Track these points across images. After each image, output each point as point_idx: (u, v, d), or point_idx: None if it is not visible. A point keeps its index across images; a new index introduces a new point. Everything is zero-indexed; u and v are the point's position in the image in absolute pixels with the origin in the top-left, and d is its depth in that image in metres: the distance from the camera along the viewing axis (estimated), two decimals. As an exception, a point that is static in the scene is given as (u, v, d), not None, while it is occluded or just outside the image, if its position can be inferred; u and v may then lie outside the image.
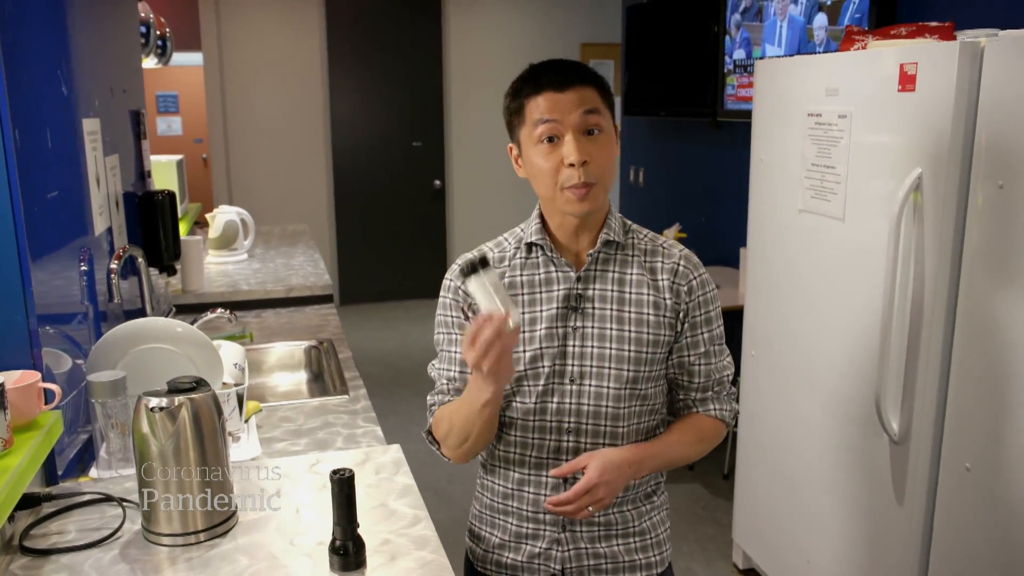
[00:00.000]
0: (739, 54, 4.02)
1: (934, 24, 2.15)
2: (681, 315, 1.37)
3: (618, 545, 1.42)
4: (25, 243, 1.44)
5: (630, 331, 1.35)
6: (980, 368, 1.90)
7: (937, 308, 1.97)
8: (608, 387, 1.35)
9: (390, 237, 7.00)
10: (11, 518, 1.35)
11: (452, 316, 1.42)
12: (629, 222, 1.44)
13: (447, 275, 1.44)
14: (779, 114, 2.59)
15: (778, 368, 2.67)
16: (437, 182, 7.00)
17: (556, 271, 1.38)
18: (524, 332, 1.36)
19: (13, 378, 1.40)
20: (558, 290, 1.37)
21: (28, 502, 1.40)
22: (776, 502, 2.71)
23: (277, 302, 3.17)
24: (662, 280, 1.37)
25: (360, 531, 1.26)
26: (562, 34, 6.87)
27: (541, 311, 1.37)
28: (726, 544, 3.15)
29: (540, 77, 1.31)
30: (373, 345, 5.81)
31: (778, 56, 3.54)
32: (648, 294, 1.36)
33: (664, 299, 1.37)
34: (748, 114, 2.82)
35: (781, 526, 2.68)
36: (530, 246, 1.40)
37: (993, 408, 1.86)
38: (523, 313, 1.37)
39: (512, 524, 1.44)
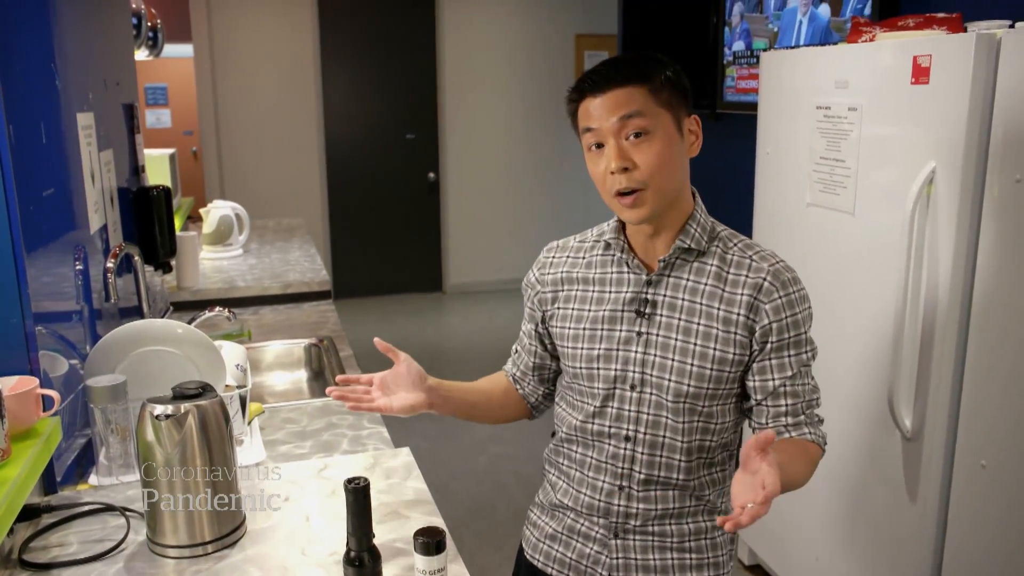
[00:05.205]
0: (738, 46, 3.97)
1: (942, 15, 2.12)
2: (759, 334, 1.27)
3: (672, 559, 1.37)
4: (21, 242, 1.39)
5: (695, 344, 1.28)
6: (996, 364, 1.87)
7: (952, 304, 1.94)
8: (667, 399, 1.30)
9: (384, 230, 6.93)
10: (10, 531, 1.31)
11: (526, 306, 1.49)
12: (722, 228, 1.36)
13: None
14: (786, 107, 2.55)
15: (784, 364, 2.63)
16: (431, 174, 6.93)
17: (628, 272, 1.34)
18: (584, 330, 1.34)
19: (10, 384, 1.35)
20: (626, 292, 1.33)
21: (27, 513, 1.35)
22: (784, 497, 2.66)
23: (274, 299, 3.11)
24: (741, 295, 1.27)
25: (375, 541, 1.22)
26: (556, 25, 6.81)
27: (604, 311, 1.34)
28: (730, 540, 3.12)
29: (585, 80, 1.26)
30: (370, 340, 5.77)
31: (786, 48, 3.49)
32: (719, 308, 1.28)
33: (737, 315, 1.27)
34: (748, 106, 2.78)
35: (789, 522, 2.65)
36: (607, 243, 1.37)
37: (1010, 405, 1.83)
38: (587, 311, 1.35)
39: (568, 518, 1.42)
